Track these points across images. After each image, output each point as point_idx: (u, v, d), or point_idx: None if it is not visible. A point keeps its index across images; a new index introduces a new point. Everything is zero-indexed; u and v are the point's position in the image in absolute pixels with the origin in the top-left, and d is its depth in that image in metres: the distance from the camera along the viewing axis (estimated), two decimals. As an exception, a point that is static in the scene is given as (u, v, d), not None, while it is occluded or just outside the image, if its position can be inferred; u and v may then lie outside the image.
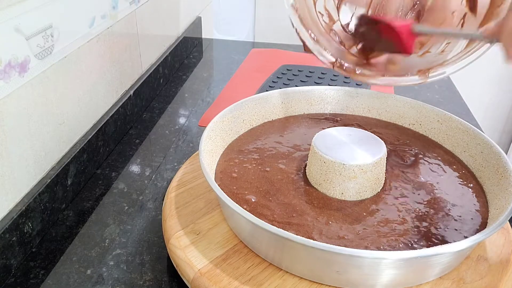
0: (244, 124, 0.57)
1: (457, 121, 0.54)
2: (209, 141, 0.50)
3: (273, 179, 0.48)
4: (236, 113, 0.55)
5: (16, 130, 0.47)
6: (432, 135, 0.57)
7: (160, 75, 0.84)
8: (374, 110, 0.61)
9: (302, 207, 0.44)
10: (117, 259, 0.47)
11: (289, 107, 0.61)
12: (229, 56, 1.02)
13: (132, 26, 0.73)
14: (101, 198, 0.57)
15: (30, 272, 0.46)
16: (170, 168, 0.62)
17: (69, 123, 0.57)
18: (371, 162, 0.45)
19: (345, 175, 0.45)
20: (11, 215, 0.46)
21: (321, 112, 0.62)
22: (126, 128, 0.71)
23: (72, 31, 0.55)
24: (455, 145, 0.54)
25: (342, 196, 0.46)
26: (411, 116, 0.59)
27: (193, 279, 0.40)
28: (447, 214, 0.44)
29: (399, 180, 0.49)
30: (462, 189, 0.48)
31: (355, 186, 0.45)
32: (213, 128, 0.51)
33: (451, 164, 0.52)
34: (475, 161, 0.51)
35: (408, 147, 0.55)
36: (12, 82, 0.45)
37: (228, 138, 0.54)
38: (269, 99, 0.59)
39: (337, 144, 0.47)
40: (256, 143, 0.55)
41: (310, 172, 0.48)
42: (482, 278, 0.40)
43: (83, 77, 0.59)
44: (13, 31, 0.45)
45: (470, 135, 0.53)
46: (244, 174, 0.49)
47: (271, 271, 0.41)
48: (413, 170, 0.51)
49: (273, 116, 0.60)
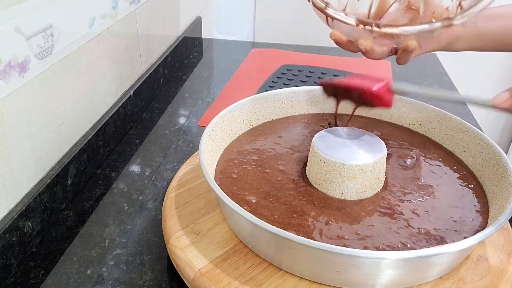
0: (243, 124, 0.57)
1: (457, 121, 0.54)
2: (209, 141, 0.50)
3: (273, 180, 0.48)
4: (236, 113, 0.55)
5: (16, 130, 0.47)
6: (432, 135, 0.57)
7: (160, 75, 0.84)
8: (374, 110, 0.61)
9: (302, 207, 0.44)
10: (117, 259, 0.47)
11: (289, 107, 0.61)
12: (229, 56, 1.02)
13: (132, 26, 0.73)
14: (101, 198, 0.57)
15: (30, 272, 0.46)
16: (170, 168, 0.62)
17: (69, 123, 0.57)
18: (371, 162, 0.45)
19: (345, 175, 0.45)
20: (11, 215, 0.46)
21: (321, 112, 0.62)
22: (126, 128, 0.71)
23: (72, 31, 0.55)
24: (455, 145, 0.54)
25: (342, 196, 0.46)
26: (411, 116, 0.59)
27: (193, 279, 0.40)
28: (447, 215, 0.44)
29: (399, 181, 0.49)
30: (463, 190, 0.48)
31: (355, 186, 0.45)
32: (213, 128, 0.51)
33: (452, 165, 0.52)
34: (475, 161, 0.51)
35: (408, 147, 0.55)
36: (12, 82, 0.45)
37: (228, 138, 0.54)
38: (269, 99, 0.59)
39: (337, 144, 0.47)
40: (255, 144, 0.55)
41: (310, 172, 0.48)
42: (482, 278, 0.40)
43: (83, 77, 0.59)
44: (13, 31, 0.45)
45: (470, 135, 0.52)
46: (244, 175, 0.49)
47: (271, 271, 0.41)
48: (413, 171, 0.51)
49: (273, 116, 0.60)
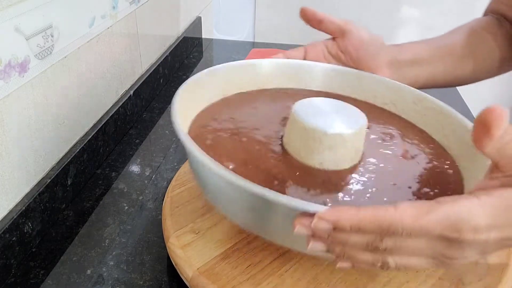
0: (217, 91, 0.54)
1: (431, 101, 0.54)
2: (182, 101, 0.47)
3: (251, 149, 0.46)
4: (211, 79, 0.53)
5: (16, 130, 0.47)
6: (406, 115, 0.56)
7: (160, 75, 0.84)
8: (349, 89, 0.60)
9: (282, 175, 0.43)
10: (117, 259, 0.48)
11: (265, 80, 0.58)
12: (229, 56, 1.02)
13: (132, 26, 0.73)
14: (101, 198, 0.57)
15: (30, 272, 0.46)
16: (170, 168, 0.63)
17: (69, 123, 0.57)
18: (352, 131, 0.44)
19: (326, 144, 0.44)
20: (11, 215, 0.46)
21: (296, 88, 0.60)
22: (126, 128, 0.71)
23: (72, 31, 0.55)
24: (428, 125, 0.54)
25: (321, 166, 0.44)
26: (385, 96, 0.58)
27: (191, 278, 0.40)
28: (423, 189, 0.44)
29: (376, 156, 0.48)
30: (439, 167, 0.48)
31: (335, 156, 0.44)
32: (186, 90, 0.48)
33: (428, 144, 0.51)
34: (448, 140, 0.51)
35: (384, 125, 0.54)
36: (12, 82, 0.45)
37: (201, 103, 0.52)
38: (245, 68, 0.57)
39: (318, 113, 0.46)
40: (229, 112, 0.52)
41: (289, 141, 0.46)
42: (481, 280, 0.40)
43: (83, 77, 0.59)
44: (13, 31, 0.45)
45: (444, 115, 0.52)
46: (220, 142, 0.46)
47: (270, 270, 0.41)
48: (390, 148, 0.50)
49: (247, 88, 0.57)
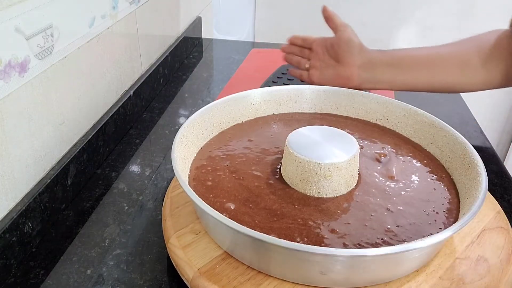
0: (214, 127, 0.56)
1: (422, 115, 0.55)
2: (181, 147, 0.49)
3: (250, 186, 0.47)
4: (206, 117, 0.54)
5: (16, 130, 0.47)
6: (400, 129, 0.58)
7: (160, 75, 0.84)
8: (342, 107, 0.61)
9: (282, 210, 0.44)
10: (117, 259, 0.47)
11: (259, 108, 0.60)
12: (229, 56, 1.02)
13: (132, 26, 0.73)
14: (101, 198, 0.57)
15: (30, 272, 0.46)
16: (170, 168, 0.62)
17: (69, 123, 0.57)
18: (345, 159, 0.45)
19: (321, 174, 0.45)
20: (11, 215, 0.46)
21: (290, 112, 0.62)
22: (126, 128, 0.71)
23: (72, 31, 0.55)
24: (422, 138, 0.55)
25: (319, 195, 0.46)
26: (377, 112, 0.59)
27: (192, 279, 0.40)
28: (420, 210, 0.45)
29: (372, 178, 0.49)
30: (434, 183, 0.49)
31: (331, 184, 0.46)
32: (184, 134, 0.50)
33: (422, 159, 0.53)
34: (442, 153, 0.52)
35: (378, 143, 0.55)
36: (12, 82, 0.45)
37: (199, 142, 0.53)
38: (239, 100, 0.58)
39: (311, 144, 0.47)
40: (226, 148, 0.54)
41: (286, 173, 0.48)
42: (482, 279, 0.40)
43: (83, 77, 0.59)
44: (13, 31, 0.45)
45: (436, 128, 0.54)
46: (220, 182, 0.48)
47: (271, 271, 0.41)
48: (385, 167, 0.51)
49: (242, 118, 0.59)
